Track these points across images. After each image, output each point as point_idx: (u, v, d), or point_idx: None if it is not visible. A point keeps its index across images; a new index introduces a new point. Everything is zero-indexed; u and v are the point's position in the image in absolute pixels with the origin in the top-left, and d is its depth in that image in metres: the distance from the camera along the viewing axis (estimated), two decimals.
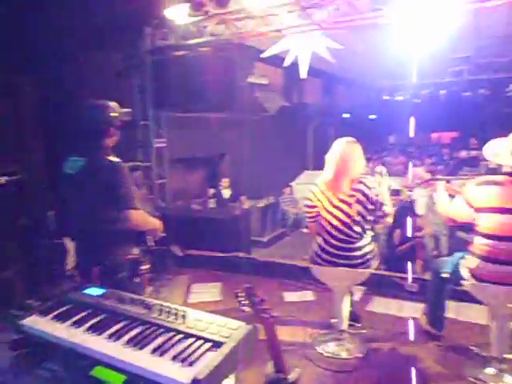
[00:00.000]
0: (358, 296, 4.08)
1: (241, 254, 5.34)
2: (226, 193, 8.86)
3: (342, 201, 3.00)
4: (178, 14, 5.23)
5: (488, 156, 2.77)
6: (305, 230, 8.38)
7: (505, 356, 2.85)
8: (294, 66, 6.04)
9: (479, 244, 2.76)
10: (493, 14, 7.38)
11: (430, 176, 3.33)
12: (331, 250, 3.06)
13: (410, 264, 5.61)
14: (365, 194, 2.99)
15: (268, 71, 10.03)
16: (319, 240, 3.15)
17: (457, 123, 17.46)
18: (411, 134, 6.58)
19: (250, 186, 8.92)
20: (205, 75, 6.52)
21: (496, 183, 2.67)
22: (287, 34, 5.37)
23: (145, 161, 6.33)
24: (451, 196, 3.15)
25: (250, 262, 5.14)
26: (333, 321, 3.45)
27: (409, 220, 6.34)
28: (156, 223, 2.57)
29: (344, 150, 3.01)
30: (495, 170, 2.74)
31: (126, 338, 1.61)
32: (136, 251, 2.49)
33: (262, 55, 5.88)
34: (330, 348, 3.28)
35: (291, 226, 10.57)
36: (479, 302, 2.94)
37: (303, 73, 5.71)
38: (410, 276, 4.32)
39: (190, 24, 5.48)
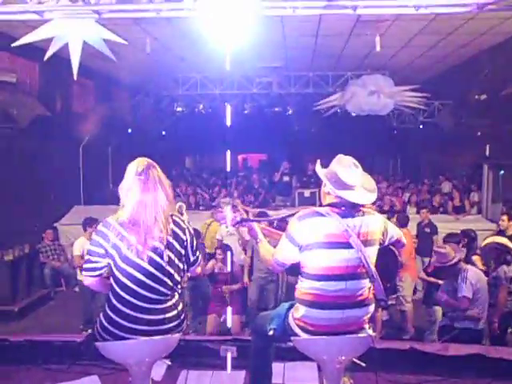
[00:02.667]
0: (159, 375, 4.14)
1: None
2: None
3: (153, 248, 3.02)
4: None
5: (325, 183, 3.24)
6: (78, 288, 8.04)
7: None
8: (59, 60, 5.91)
9: (306, 288, 3.13)
10: (303, 25, 8.70)
11: (241, 215, 3.63)
12: (134, 313, 3.03)
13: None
14: (177, 237, 3.10)
15: (18, 65, 9.50)
16: (113, 302, 3.08)
17: (265, 143, 19.54)
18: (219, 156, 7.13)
19: None
20: None
21: (320, 214, 3.09)
22: (51, 18, 5.24)
23: None
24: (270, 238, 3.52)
25: None
26: None
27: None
28: None
29: (152, 176, 3.09)
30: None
31: None
32: None
33: (14, 44, 5.58)
34: None
35: (56, 285, 10.04)
36: (308, 359, 3.32)
37: (75, 71, 5.62)
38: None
39: None
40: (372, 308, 3.16)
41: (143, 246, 3.01)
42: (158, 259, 3.04)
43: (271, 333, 3.31)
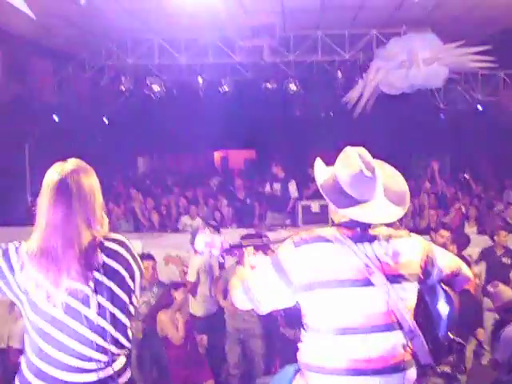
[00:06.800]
0: None
1: None
2: None
3: (72, 291, 2.97)
4: None
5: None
6: None
7: None
8: None
9: (309, 346, 3.14)
10: None
11: (220, 239, 3.66)
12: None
13: None
14: (113, 273, 3.04)
15: None
16: (23, 370, 3.09)
17: (253, 136, 19.45)
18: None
19: None
20: None
21: (324, 240, 3.10)
22: None
23: None
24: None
25: None
26: None
27: None
28: None
29: (69, 183, 3.04)
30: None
31: None
32: None
33: None
34: None
35: None
36: None
37: None
38: None
39: None
40: (412, 374, 3.12)
41: (56, 286, 2.97)
42: (79, 307, 3.00)
43: None
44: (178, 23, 11.68)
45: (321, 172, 3.28)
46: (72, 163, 3.12)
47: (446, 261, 3.29)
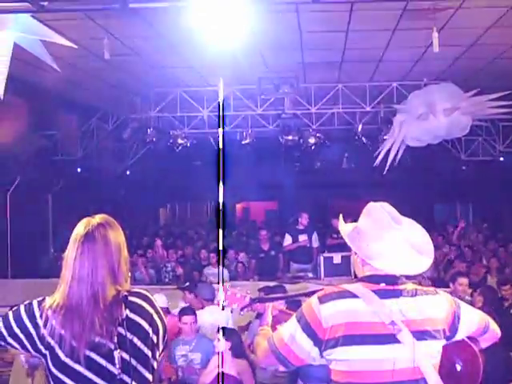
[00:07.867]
0: None
1: None
2: None
3: (95, 346, 2.95)
4: None
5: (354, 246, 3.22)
6: None
7: None
8: None
9: None
10: (327, 16, 8.78)
11: (244, 295, 3.68)
12: None
13: None
14: (137, 329, 3.02)
15: None
16: None
17: (274, 187, 19.46)
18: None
19: None
20: None
21: (350, 295, 3.08)
22: None
23: None
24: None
25: None
26: None
27: None
28: None
29: (95, 238, 3.06)
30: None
31: None
32: None
33: None
34: None
35: None
36: None
37: (1, 88, 5.74)
38: None
39: None
40: None
41: (79, 341, 2.95)
42: (103, 363, 2.97)
43: None
44: (199, 75, 11.81)
45: (345, 225, 3.29)
46: (99, 218, 3.16)
47: (473, 318, 3.26)
